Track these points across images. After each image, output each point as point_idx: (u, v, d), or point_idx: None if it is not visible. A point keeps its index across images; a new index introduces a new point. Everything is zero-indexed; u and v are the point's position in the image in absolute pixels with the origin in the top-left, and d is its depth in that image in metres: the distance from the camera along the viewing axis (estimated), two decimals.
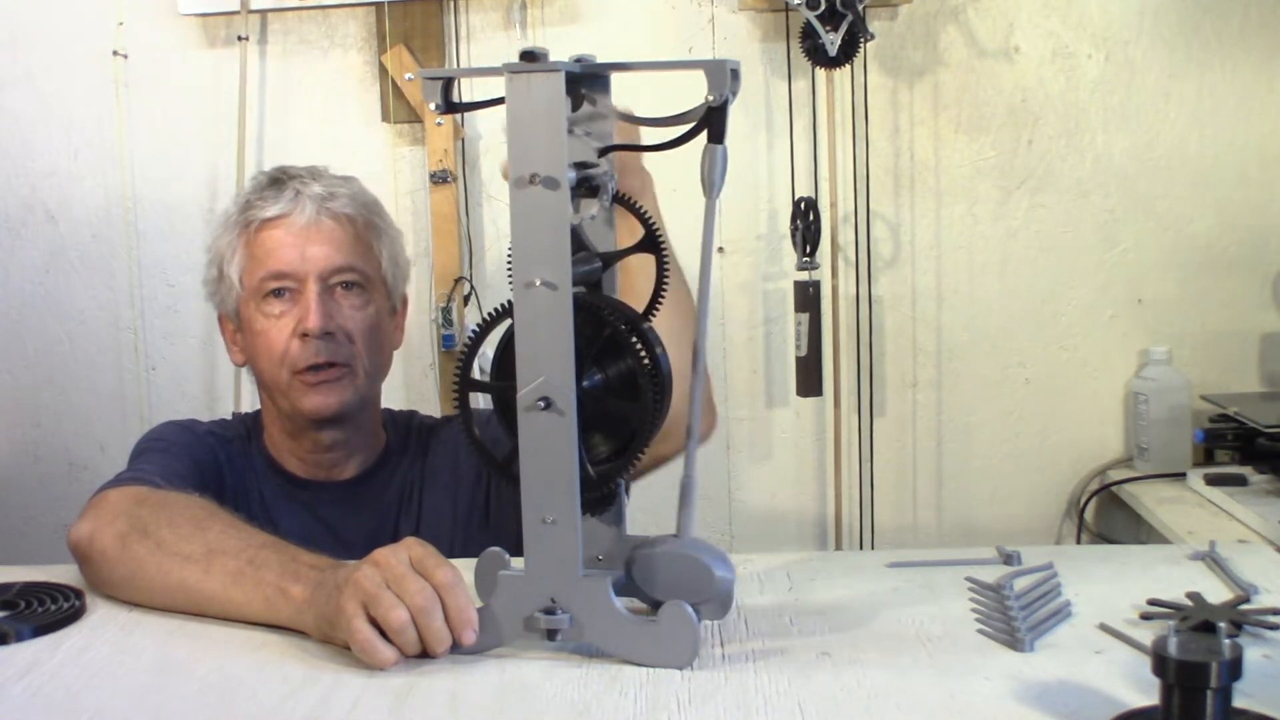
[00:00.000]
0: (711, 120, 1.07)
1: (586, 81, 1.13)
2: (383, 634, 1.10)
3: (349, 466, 1.63)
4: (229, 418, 1.71)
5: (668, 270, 1.19)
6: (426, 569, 1.12)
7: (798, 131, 2.46)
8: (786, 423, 2.56)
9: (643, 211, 1.17)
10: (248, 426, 1.65)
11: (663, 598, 1.10)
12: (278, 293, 1.55)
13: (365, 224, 1.60)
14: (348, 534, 1.58)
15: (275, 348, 1.55)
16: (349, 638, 1.10)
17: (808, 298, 2.39)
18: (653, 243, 1.18)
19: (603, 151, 1.14)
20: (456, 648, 1.11)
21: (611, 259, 1.17)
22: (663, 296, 1.19)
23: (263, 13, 2.49)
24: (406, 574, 1.11)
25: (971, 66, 2.46)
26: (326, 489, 1.61)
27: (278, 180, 1.59)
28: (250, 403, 2.42)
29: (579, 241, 1.12)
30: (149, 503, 1.33)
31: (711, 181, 1.08)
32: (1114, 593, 1.22)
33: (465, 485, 1.63)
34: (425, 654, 1.11)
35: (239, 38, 2.47)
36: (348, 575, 1.13)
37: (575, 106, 1.12)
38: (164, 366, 2.62)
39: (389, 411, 1.70)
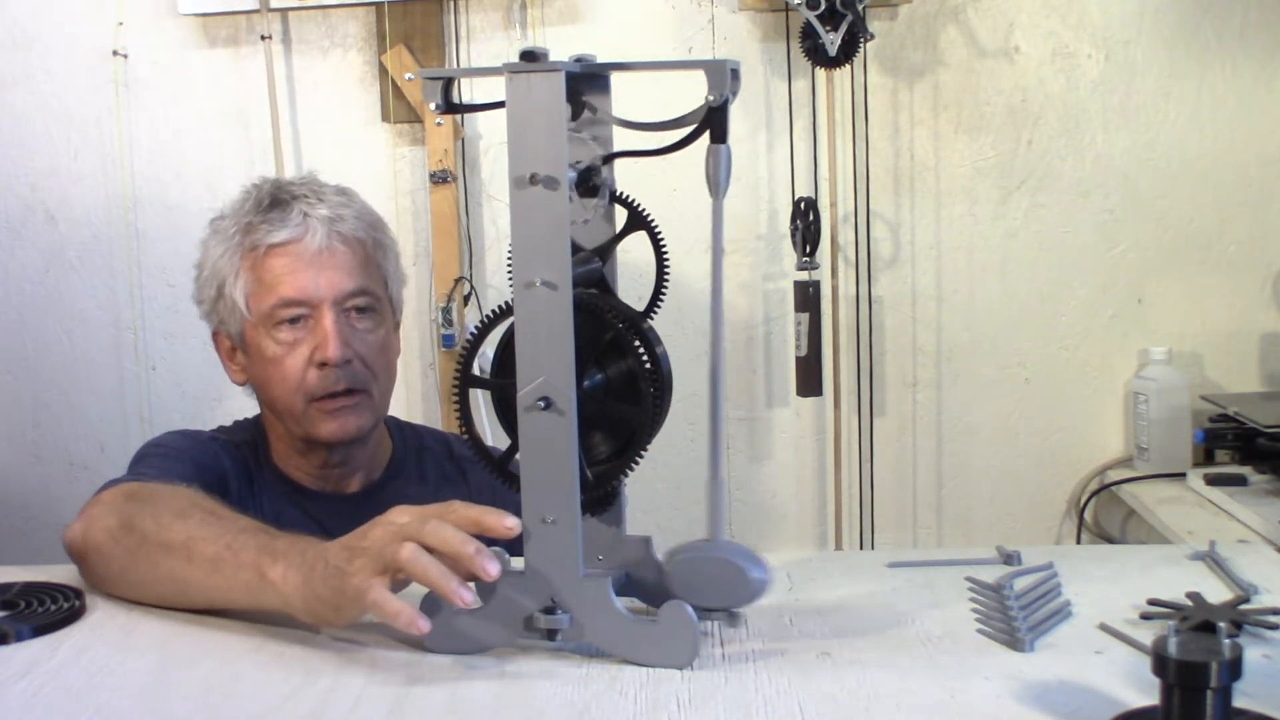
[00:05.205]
0: (712, 121, 1.07)
1: (586, 86, 1.13)
2: None
3: (356, 479, 1.63)
4: (230, 424, 1.68)
5: (665, 255, 1.18)
6: (412, 513, 1.11)
7: (798, 131, 2.46)
8: (786, 423, 2.56)
9: (632, 201, 1.17)
10: (252, 432, 1.64)
11: (702, 604, 1.09)
12: (291, 320, 1.52)
13: (374, 244, 1.57)
14: None
15: (291, 376, 1.52)
16: (374, 608, 1.08)
17: (808, 298, 2.39)
18: (642, 223, 1.17)
19: (607, 159, 1.13)
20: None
21: (605, 249, 1.17)
22: (665, 286, 1.18)
23: (263, 12, 2.49)
24: (391, 523, 1.10)
25: (971, 66, 2.46)
26: (333, 501, 1.61)
27: (280, 201, 1.55)
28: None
29: (574, 241, 1.12)
30: (138, 497, 1.32)
31: (717, 182, 1.08)
32: (1114, 593, 1.22)
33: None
34: (468, 580, 1.07)
35: (262, 37, 2.46)
36: (348, 556, 1.11)
37: (575, 114, 1.12)
38: (164, 366, 2.61)
39: (395, 421, 1.69)
